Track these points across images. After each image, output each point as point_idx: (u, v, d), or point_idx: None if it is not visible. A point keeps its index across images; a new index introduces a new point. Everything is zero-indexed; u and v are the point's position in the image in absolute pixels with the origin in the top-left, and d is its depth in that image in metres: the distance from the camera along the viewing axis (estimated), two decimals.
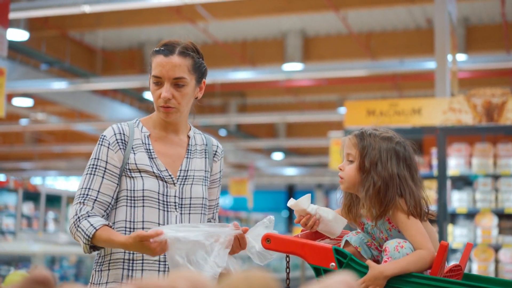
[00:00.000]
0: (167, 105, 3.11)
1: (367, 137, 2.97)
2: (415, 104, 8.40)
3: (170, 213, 3.05)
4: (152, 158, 3.12)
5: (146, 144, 3.15)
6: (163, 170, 3.10)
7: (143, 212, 3.02)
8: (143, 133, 3.18)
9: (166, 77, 3.09)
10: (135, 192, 3.03)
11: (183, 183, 3.14)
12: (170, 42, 3.18)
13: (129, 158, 3.08)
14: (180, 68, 3.12)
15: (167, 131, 3.23)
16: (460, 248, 7.98)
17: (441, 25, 9.18)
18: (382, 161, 2.91)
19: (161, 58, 3.11)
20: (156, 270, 2.99)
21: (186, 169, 3.19)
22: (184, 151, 3.25)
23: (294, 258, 2.93)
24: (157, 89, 3.12)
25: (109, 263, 3.02)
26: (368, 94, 19.37)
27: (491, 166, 8.17)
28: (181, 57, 3.14)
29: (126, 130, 3.14)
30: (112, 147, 3.08)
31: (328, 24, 15.39)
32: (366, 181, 2.90)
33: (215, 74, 14.89)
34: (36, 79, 14.68)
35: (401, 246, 2.78)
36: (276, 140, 24.61)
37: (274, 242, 2.88)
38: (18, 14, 10.61)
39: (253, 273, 1.40)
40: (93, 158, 3.10)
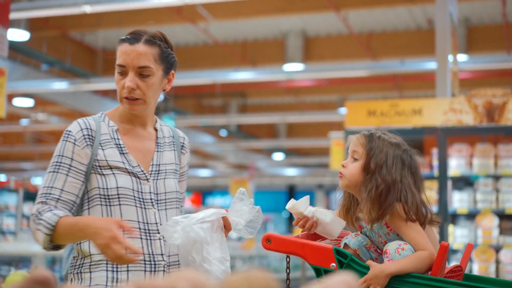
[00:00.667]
0: (131, 96, 2.97)
1: (376, 139, 2.97)
2: (415, 105, 8.40)
3: (147, 210, 2.95)
4: (123, 154, 2.99)
5: (115, 139, 3.01)
6: (135, 166, 2.99)
7: (120, 210, 2.91)
8: (111, 127, 3.04)
9: (131, 66, 2.95)
10: (109, 191, 2.91)
11: (156, 178, 3.03)
12: (137, 31, 3.03)
13: (97, 155, 2.94)
14: (145, 56, 2.97)
15: (134, 124, 3.10)
16: (461, 249, 7.98)
17: (442, 26, 9.18)
18: (388, 165, 2.91)
19: (126, 46, 2.97)
20: (142, 271, 2.89)
21: (157, 164, 3.08)
22: (154, 144, 3.13)
23: (295, 259, 2.93)
24: (121, 79, 2.99)
25: (89, 266, 2.88)
26: (369, 95, 19.36)
27: (492, 166, 8.17)
28: (147, 45, 2.99)
29: (92, 125, 3.00)
30: (78, 143, 2.94)
31: (328, 24, 15.38)
32: (369, 183, 2.89)
33: (216, 74, 14.90)
34: (36, 79, 14.68)
35: (402, 248, 2.78)
36: (277, 140, 24.60)
37: (274, 242, 2.88)
38: (18, 14, 10.61)
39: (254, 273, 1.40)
40: (56, 155, 2.96)
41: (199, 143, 23.44)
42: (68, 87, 14.72)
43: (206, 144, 24.05)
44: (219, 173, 32.54)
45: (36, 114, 19.30)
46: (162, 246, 2.95)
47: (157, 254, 2.93)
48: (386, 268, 2.73)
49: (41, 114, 19.29)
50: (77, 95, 16.48)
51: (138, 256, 2.70)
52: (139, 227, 2.92)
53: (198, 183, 36.30)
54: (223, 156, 27.44)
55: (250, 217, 2.97)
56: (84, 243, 2.90)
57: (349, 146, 3.05)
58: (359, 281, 2.73)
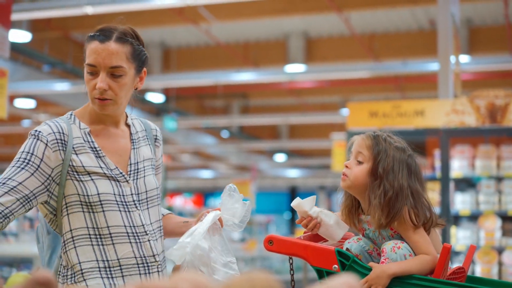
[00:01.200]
0: (103, 97, 2.83)
1: (382, 142, 2.93)
2: (418, 106, 8.39)
3: (132, 213, 2.87)
4: (100, 157, 2.88)
5: (89, 142, 2.89)
6: (113, 169, 2.88)
7: (105, 216, 2.81)
8: (82, 130, 2.90)
9: (102, 66, 2.81)
10: (90, 197, 2.80)
11: (136, 178, 2.95)
12: (107, 27, 2.87)
13: (72, 160, 2.82)
14: (117, 56, 2.83)
15: (106, 124, 2.97)
16: (463, 251, 7.97)
17: (444, 27, 9.17)
18: (394, 170, 2.88)
19: (96, 45, 2.83)
20: (137, 274, 2.85)
21: (135, 162, 2.98)
22: (129, 142, 3.01)
23: (297, 260, 2.91)
24: (91, 79, 2.84)
25: (82, 274, 2.81)
26: (371, 96, 19.36)
27: (494, 168, 8.16)
28: (119, 43, 2.84)
29: (64, 129, 2.86)
30: (50, 146, 2.80)
31: (330, 26, 15.38)
32: (378, 188, 2.86)
33: (218, 75, 14.90)
34: (38, 80, 14.69)
35: (398, 247, 2.78)
36: (279, 141, 24.61)
37: (276, 244, 2.87)
38: (20, 15, 10.61)
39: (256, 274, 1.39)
40: (25, 151, 2.80)
41: (201, 144, 23.45)
42: (70, 88, 14.72)
43: (208, 145, 24.06)
44: (221, 175, 32.56)
45: (37, 115, 19.31)
46: (152, 247, 2.91)
47: (149, 255, 2.90)
48: (388, 268, 2.73)
49: (43, 115, 19.30)
50: (78, 96, 16.47)
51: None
52: (126, 231, 2.86)
53: (200, 184, 36.33)
54: (225, 157, 27.45)
55: (242, 214, 2.96)
56: (70, 250, 2.83)
57: (351, 146, 3.02)
58: (360, 282, 2.72)
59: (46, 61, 14.75)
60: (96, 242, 2.82)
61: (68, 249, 2.84)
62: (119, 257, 2.83)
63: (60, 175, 2.82)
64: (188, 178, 34.55)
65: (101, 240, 2.82)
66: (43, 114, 19.31)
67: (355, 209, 3.02)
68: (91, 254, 2.81)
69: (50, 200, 2.84)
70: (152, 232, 2.95)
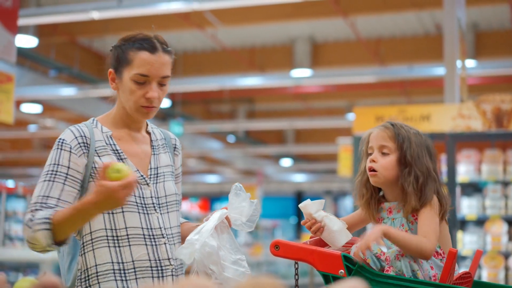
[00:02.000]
0: (151, 105, 2.93)
1: (401, 129, 2.96)
2: (424, 110, 8.38)
3: (150, 215, 2.91)
4: (122, 159, 2.93)
5: (111, 145, 2.95)
6: (134, 171, 2.92)
7: (124, 218, 2.85)
8: (104, 133, 2.97)
9: (155, 76, 2.91)
10: None
11: (156, 182, 2.99)
12: (147, 37, 2.96)
13: (95, 162, 2.87)
14: (167, 66, 2.95)
15: (130, 129, 3.04)
16: (470, 255, 7.95)
17: (450, 31, 9.16)
18: (420, 156, 2.92)
19: (148, 55, 2.91)
20: (150, 277, 2.87)
21: (155, 167, 3.03)
22: (149, 147, 3.07)
23: (303, 265, 2.91)
24: (139, 88, 2.91)
25: (97, 276, 2.84)
26: (377, 100, 19.34)
27: (500, 172, 8.14)
28: (165, 53, 2.96)
29: (86, 132, 2.93)
30: (74, 151, 2.86)
31: (336, 30, 15.38)
32: (409, 176, 2.89)
33: (224, 80, 14.92)
34: (45, 85, 14.72)
35: (402, 254, 2.77)
36: (285, 146, 24.60)
37: (283, 248, 2.87)
38: (27, 20, 10.65)
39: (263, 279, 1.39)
40: (51, 163, 2.86)
41: (207, 149, 23.45)
42: (76, 93, 14.76)
43: (214, 150, 24.06)
44: (227, 179, 32.56)
45: (44, 120, 19.34)
46: (168, 250, 2.93)
47: (164, 259, 2.92)
48: (387, 228, 2.76)
49: (49, 120, 19.32)
50: (85, 101, 16.52)
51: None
52: (143, 233, 2.89)
53: (206, 189, 36.34)
54: (231, 162, 27.45)
55: (250, 212, 2.97)
56: (88, 253, 2.86)
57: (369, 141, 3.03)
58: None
59: (52, 66, 14.79)
60: (112, 243, 2.84)
61: (86, 251, 2.87)
62: (134, 259, 2.85)
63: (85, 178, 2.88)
64: (194, 183, 34.58)
65: (118, 242, 2.84)
66: (50, 119, 19.33)
67: (375, 200, 3.02)
68: (107, 256, 2.83)
69: None
70: (171, 236, 2.98)
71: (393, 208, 2.97)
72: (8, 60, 8.06)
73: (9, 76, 8.25)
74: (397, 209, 2.97)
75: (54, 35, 14.62)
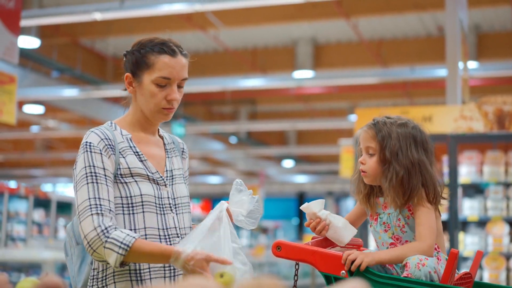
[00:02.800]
0: (172, 107, 3.04)
1: (383, 127, 2.99)
2: (426, 112, 8.38)
3: (166, 215, 2.97)
4: (143, 161, 3.00)
5: (132, 147, 3.02)
6: (154, 172, 3.00)
7: (144, 218, 2.90)
8: (124, 136, 3.04)
9: (176, 78, 3.02)
10: (133, 198, 2.90)
11: (171, 183, 3.06)
12: (164, 41, 3.07)
13: (120, 163, 2.94)
14: (186, 68, 3.07)
15: (146, 132, 3.13)
16: (471, 256, 7.94)
17: (452, 33, 9.16)
18: (402, 149, 2.94)
19: (169, 59, 3.01)
20: (162, 277, 2.91)
21: (170, 169, 3.11)
22: (163, 151, 3.16)
23: (305, 266, 2.92)
24: (160, 90, 3.00)
25: (113, 276, 2.87)
26: (379, 102, 19.34)
27: (502, 174, 8.14)
28: (184, 56, 3.08)
29: (109, 135, 2.98)
30: (104, 153, 2.91)
31: (338, 32, 15.38)
32: (388, 172, 2.92)
33: (226, 81, 14.91)
34: (47, 86, 14.73)
35: (423, 264, 2.75)
36: (287, 147, 24.59)
37: (284, 249, 2.87)
38: (29, 21, 10.65)
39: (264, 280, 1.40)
40: (87, 166, 2.88)
41: (209, 150, 23.46)
42: (79, 94, 14.77)
43: (216, 151, 24.07)
44: (229, 180, 32.53)
45: (46, 121, 19.36)
46: None
47: None
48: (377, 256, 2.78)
49: (52, 121, 19.34)
50: (87, 102, 16.53)
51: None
52: (159, 234, 2.93)
53: (208, 190, 36.32)
54: (233, 163, 27.44)
55: (250, 207, 2.98)
56: None
57: (359, 142, 3.07)
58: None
59: (54, 67, 14.80)
60: None
61: None
62: None
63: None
64: (196, 184, 34.56)
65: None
66: (52, 120, 19.35)
67: (374, 196, 3.05)
68: None
69: None
70: (184, 236, 3.00)
71: (388, 203, 2.99)
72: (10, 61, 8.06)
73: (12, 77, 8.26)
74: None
75: (56, 36, 14.63)
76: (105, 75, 16.98)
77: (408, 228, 2.92)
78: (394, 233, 2.95)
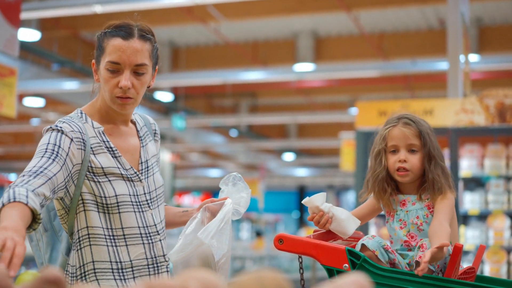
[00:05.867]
0: (126, 95, 2.78)
1: (421, 125, 3.03)
2: (427, 105, 8.37)
3: (145, 213, 2.85)
4: (116, 157, 2.84)
5: (105, 142, 2.84)
6: (128, 169, 2.85)
7: (120, 218, 2.78)
8: (96, 129, 2.85)
9: (127, 64, 2.76)
10: (108, 199, 2.75)
11: (147, 176, 2.92)
12: (126, 24, 2.82)
13: (91, 161, 2.76)
14: (141, 53, 2.78)
15: (116, 123, 2.93)
16: (472, 250, 7.94)
17: (454, 26, 9.14)
18: (437, 146, 3.02)
19: (120, 42, 2.76)
20: (146, 275, 2.84)
21: (145, 160, 2.95)
22: (137, 139, 2.98)
23: (305, 259, 2.92)
24: (112, 77, 2.77)
25: (94, 273, 2.76)
26: (380, 95, 19.34)
27: (503, 167, 8.13)
28: (142, 40, 2.80)
29: (81, 128, 2.79)
30: (75, 142, 2.72)
31: (339, 25, 15.37)
32: (436, 168, 2.96)
33: (226, 74, 14.90)
34: (47, 79, 14.72)
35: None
36: (287, 140, 24.60)
37: (287, 243, 2.86)
38: (29, 14, 10.63)
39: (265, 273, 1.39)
40: (51, 143, 2.66)
41: (210, 143, 23.46)
42: (79, 87, 14.75)
43: (217, 144, 24.07)
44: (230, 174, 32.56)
45: (46, 114, 19.36)
46: (163, 247, 2.92)
47: (159, 255, 2.90)
48: (428, 257, 2.70)
49: (52, 114, 19.34)
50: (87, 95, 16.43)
51: None
52: (139, 232, 2.84)
53: (208, 183, 36.36)
54: (233, 156, 27.47)
55: (248, 203, 2.99)
56: (85, 248, 2.78)
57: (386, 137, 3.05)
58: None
59: (55, 60, 14.79)
60: (110, 243, 2.78)
61: (83, 246, 2.78)
62: (132, 259, 2.81)
63: (78, 174, 2.75)
64: (197, 177, 34.61)
65: (114, 241, 2.79)
66: (52, 113, 19.35)
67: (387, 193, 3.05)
68: (105, 255, 2.77)
69: (65, 197, 2.77)
70: (162, 231, 2.95)
71: (408, 200, 3.00)
72: (10, 54, 8.05)
73: (12, 70, 8.24)
74: (412, 201, 2.99)
75: (56, 28, 14.62)
76: None
77: (426, 226, 2.92)
78: (409, 230, 2.96)
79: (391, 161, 3.01)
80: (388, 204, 3.04)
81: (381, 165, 3.06)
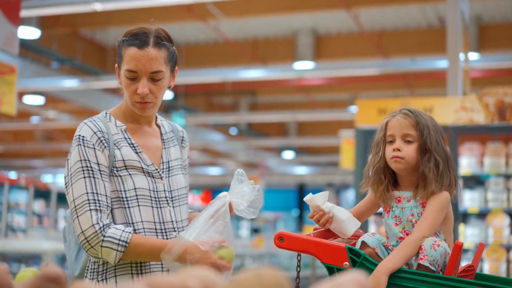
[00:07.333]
0: (144, 101, 2.92)
1: (421, 117, 3.01)
2: (426, 103, 8.37)
3: (163, 209, 2.94)
4: (138, 153, 2.95)
5: (127, 139, 2.97)
6: (149, 165, 2.96)
7: (139, 211, 2.87)
8: (119, 127, 2.98)
9: (143, 72, 2.89)
10: (127, 192, 2.86)
11: (168, 175, 3.02)
12: (142, 31, 2.95)
13: (115, 156, 2.89)
14: (157, 61, 2.90)
15: (140, 123, 3.06)
16: (472, 248, 7.95)
17: (454, 24, 9.14)
18: (438, 141, 2.98)
19: (135, 51, 2.89)
20: (160, 271, 2.90)
21: (167, 161, 3.06)
22: (160, 141, 3.10)
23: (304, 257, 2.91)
24: (131, 84, 2.91)
25: (114, 270, 2.85)
26: (380, 93, 19.33)
27: (503, 165, 8.14)
28: (157, 48, 2.92)
29: (102, 127, 2.92)
30: (98, 147, 2.86)
31: (339, 23, 15.36)
32: (428, 162, 2.94)
33: (226, 72, 14.90)
34: (47, 77, 14.72)
35: (437, 244, 2.76)
36: (287, 138, 24.60)
37: (287, 240, 2.86)
38: (29, 12, 10.63)
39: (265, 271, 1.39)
40: (82, 159, 2.84)
41: (209, 141, 23.46)
42: (79, 85, 14.75)
43: (216, 142, 24.07)
44: (229, 171, 32.57)
45: (46, 111, 19.36)
46: None
47: None
48: (385, 264, 2.73)
49: (52, 111, 19.34)
50: (87, 93, 16.51)
51: None
52: (155, 227, 2.91)
53: (208, 181, 36.36)
54: (233, 154, 27.46)
55: (251, 197, 2.95)
56: None
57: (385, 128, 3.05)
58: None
59: (55, 57, 14.78)
60: None
61: None
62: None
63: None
64: (196, 175, 34.61)
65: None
66: (52, 111, 19.35)
67: (384, 186, 3.04)
68: None
69: None
70: (181, 229, 2.99)
71: (403, 197, 2.99)
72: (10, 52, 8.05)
73: (12, 68, 8.24)
74: (407, 198, 2.99)
75: (56, 26, 14.62)
76: (105, 65, 16.97)
77: None
78: (404, 227, 2.95)
79: (388, 150, 3.02)
80: (383, 198, 3.03)
81: (379, 155, 3.07)
